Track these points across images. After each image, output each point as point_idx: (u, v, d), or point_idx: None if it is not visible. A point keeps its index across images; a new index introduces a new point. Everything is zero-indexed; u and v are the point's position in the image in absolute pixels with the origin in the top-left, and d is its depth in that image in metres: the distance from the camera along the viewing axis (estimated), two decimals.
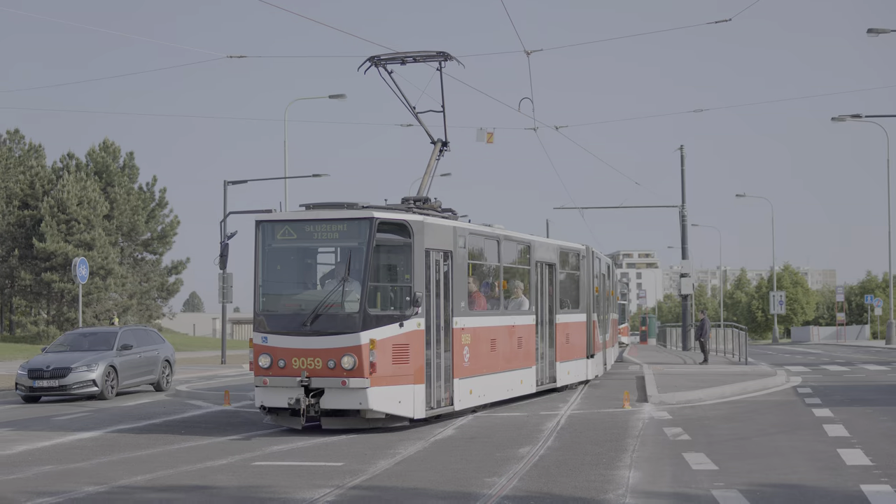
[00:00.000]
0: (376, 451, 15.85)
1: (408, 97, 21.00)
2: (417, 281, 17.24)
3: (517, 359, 22.37)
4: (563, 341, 25.71)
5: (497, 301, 21.84)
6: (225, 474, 13.87)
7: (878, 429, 17.71)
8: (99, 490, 12.72)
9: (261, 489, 12.65)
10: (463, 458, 15.02)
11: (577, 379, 27.12)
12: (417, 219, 17.58)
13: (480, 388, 20.01)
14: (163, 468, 14.13)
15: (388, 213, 17.47)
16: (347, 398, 16.62)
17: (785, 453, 15.11)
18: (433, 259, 17.97)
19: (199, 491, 12.64)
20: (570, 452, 15.51)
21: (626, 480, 12.89)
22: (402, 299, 17.31)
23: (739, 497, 11.54)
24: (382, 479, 13.30)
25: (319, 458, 15.14)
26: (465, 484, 12.77)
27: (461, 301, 19.16)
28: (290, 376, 16.50)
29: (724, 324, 60.21)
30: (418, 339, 17.38)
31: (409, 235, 17.26)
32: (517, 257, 23.39)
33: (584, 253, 28.39)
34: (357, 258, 16.76)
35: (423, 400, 17.49)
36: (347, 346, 16.33)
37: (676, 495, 11.89)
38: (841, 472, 13.32)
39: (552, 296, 25.13)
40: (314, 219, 17.56)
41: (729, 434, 17.62)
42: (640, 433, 17.83)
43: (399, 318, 17.02)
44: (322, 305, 16.78)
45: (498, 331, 21.28)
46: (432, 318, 17.97)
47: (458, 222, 19.88)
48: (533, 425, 19.21)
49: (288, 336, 16.83)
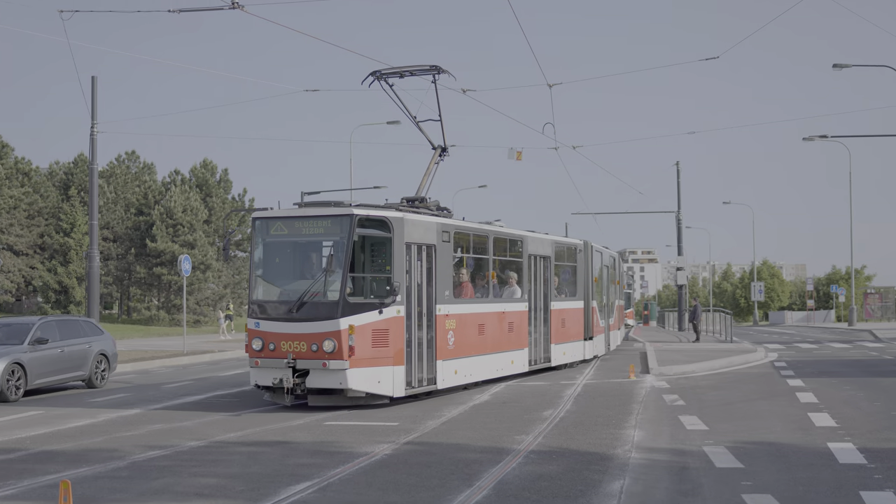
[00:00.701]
0: (426, 413, 15.86)
1: (413, 109, 19.78)
2: (397, 272, 16.14)
3: (508, 341, 21.13)
4: (559, 325, 24.45)
5: (486, 289, 20.39)
6: (302, 432, 13.91)
7: (841, 396, 17.56)
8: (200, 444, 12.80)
9: (331, 444, 12.68)
10: (497, 419, 15.01)
11: (573, 359, 25.89)
12: (397, 215, 16.40)
13: (467, 368, 18.80)
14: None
15: (369, 210, 16.24)
16: (329, 378, 15.46)
17: (764, 416, 15.02)
18: (415, 252, 16.79)
19: (281, 445, 12.68)
20: (585, 415, 15.47)
21: (632, 438, 12.84)
22: (383, 288, 16.28)
23: (726, 452, 11.47)
24: (430, 436, 13.31)
25: (379, 420, 15.15)
26: (499, 440, 12.75)
27: (445, 290, 17.85)
28: (278, 358, 15.54)
29: (713, 309, 59.93)
30: (398, 324, 16.16)
31: (389, 230, 16.13)
32: (509, 250, 21.99)
33: (580, 247, 27.06)
34: (338, 251, 15.77)
35: (402, 380, 16.29)
36: (328, 332, 15.28)
37: (674, 451, 11.82)
38: (811, 432, 13.21)
39: (547, 285, 23.83)
40: (302, 216, 16.45)
41: (717, 400, 17.50)
42: (643, 399, 17.74)
43: (378, 306, 15.83)
44: (307, 294, 15.75)
45: (486, 317, 19.97)
46: (413, 305, 16.71)
47: (443, 219, 18.38)
48: (554, 392, 19.16)
49: (277, 322, 15.79)
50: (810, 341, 40.18)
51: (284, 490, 9.52)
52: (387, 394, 16.03)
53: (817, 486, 9.42)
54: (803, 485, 9.51)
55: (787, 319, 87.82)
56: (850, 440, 12.28)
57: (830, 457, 11.12)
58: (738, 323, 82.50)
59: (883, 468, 10.31)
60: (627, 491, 9.34)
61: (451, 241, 18.14)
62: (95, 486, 9.88)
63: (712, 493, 9.20)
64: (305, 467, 10.87)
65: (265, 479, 10.17)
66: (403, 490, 9.47)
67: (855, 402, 16.68)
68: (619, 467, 10.64)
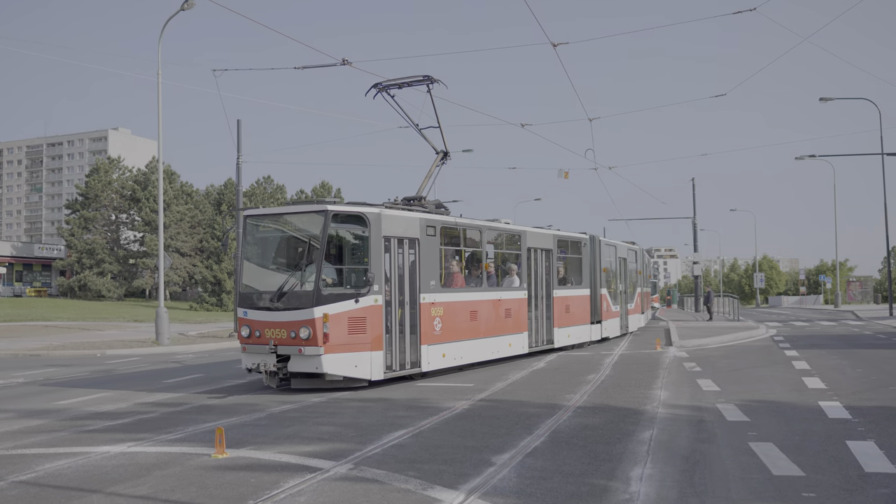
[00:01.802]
0: (495, 377, 15.83)
1: (415, 117, 17.53)
2: (374, 263, 14.06)
3: (504, 326, 18.61)
4: (563, 311, 21.89)
5: (480, 279, 18.00)
6: (399, 391, 13.97)
7: (829, 364, 17.16)
8: (321, 399, 12.94)
9: (422, 401, 12.71)
10: (551, 382, 14.91)
11: (579, 340, 23.26)
12: (373, 211, 14.31)
13: (456, 352, 16.52)
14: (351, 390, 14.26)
15: (343, 206, 14.27)
16: (306, 363, 13.54)
17: (766, 380, 14.73)
18: (395, 245, 14.73)
19: (384, 402, 12.75)
20: (621, 378, 15.32)
21: (659, 397, 12.68)
22: (361, 279, 14.06)
23: (735, 409, 11.27)
24: (498, 395, 13.27)
25: (459, 382, 15.15)
26: (553, 398, 12.67)
27: (431, 280, 15.61)
28: (263, 344, 13.82)
29: (723, 294, 59.21)
30: (375, 312, 14.03)
31: (365, 225, 14.12)
32: (507, 244, 19.59)
33: (585, 241, 24.26)
34: (314, 245, 13.81)
35: (381, 364, 14.23)
36: (304, 320, 13.41)
37: (692, 407, 11.64)
38: (804, 392, 12.92)
39: (549, 274, 21.26)
40: (284, 212, 14.68)
41: (727, 367, 17.20)
42: (667, 366, 17.51)
43: (354, 295, 13.75)
44: (286, 285, 13.86)
45: (480, 304, 17.61)
46: (394, 294, 14.65)
47: (427, 214, 16.02)
48: (596, 361, 19.00)
49: (261, 311, 13.91)
50: (803, 320, 39.49)
51: (386, 436, 9.56)
52: (364, 377, 14.02)
53: (810, 437, 9.22)
54: (799, 435, 9.31)
55: (784, 303, 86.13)
56: (838, 399, 12.00)
57: (821, 413, 10.87)
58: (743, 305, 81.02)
59: (865, 422, 10.06)
60: (656, 439, 9.22)
61: (438, 235, 16.00)
62: (242, 432, 10.03)
63: (725, 441, 9.04)
64: (402, 418, 10.91)
65: (371, 427, 10.23)
66: (478, 436, 9.45)
67: (841, 368, 16.30)
68: (649, 420, 10.52)
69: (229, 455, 8.57)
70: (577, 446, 8.79)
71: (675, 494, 6.79)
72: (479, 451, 8.60)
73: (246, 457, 8.53)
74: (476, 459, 8.16)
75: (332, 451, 8.73)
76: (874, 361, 17.69)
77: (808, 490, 6.87)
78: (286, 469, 7.88)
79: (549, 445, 8.87)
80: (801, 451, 8.42)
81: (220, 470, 7.91)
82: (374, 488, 7.07)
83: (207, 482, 7.41)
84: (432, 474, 7.53)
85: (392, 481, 7.29)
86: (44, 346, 27.29)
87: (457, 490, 6.95)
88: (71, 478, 7.75)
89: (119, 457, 8.69)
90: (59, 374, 18.51)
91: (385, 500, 6.69)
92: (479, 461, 8.08)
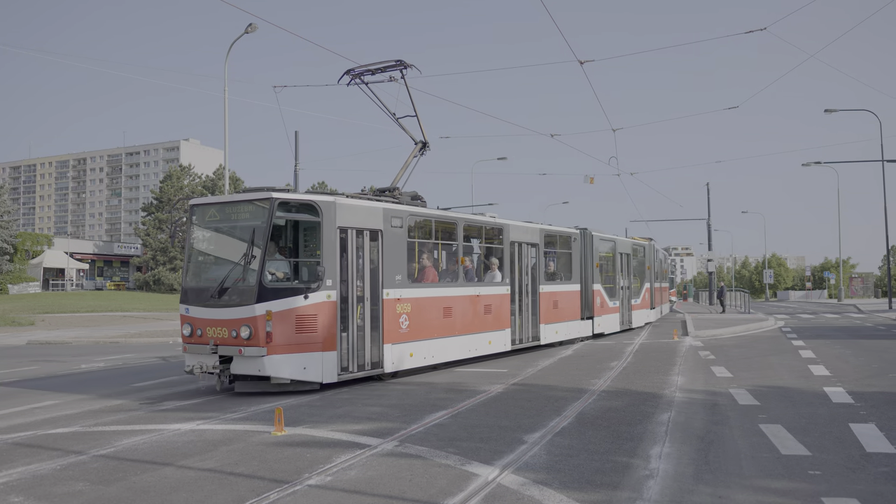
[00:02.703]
0: (526, 364, 15.78)
1: (392, 106, 15.17)
2: (327, 256, 11.94)
3: (485, 323, 16.21)
4: (550, 307, 19.32)
5: (456, 274, 15.57)
6: (440, 376, 13.98)
7: (833, 353, 16.88)
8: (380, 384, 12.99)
9: (460, 384, 12.71)
10: (577, 368, 14.83)
11: (568, 336, 20.63)
12: (326, 199, 12.10)
13: (427, 351, 14.23)
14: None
15: (292, 194, 12.04)
16: (248, 365, 11.46)
17: (774, 367, 14.52)
18: (352, 236, 12.44)
19: (426, 385, 12.77)
20: (641, 365, 15.19)
21: (676, 382, 12.56)
22: (312, 274, 12.03)
23: (746, 393, 11.14)
24: (529, 379, 13.22)
25: (495, 368, 15.13)
26: (578, 383, 12.60)
27: (397, 274, 13.31)
28: (203, 344, 11.75)
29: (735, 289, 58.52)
30: (328, 309, 11.87)
31: (317, 215, 11.96)
32: (487, 237, 17.11)
33: (575, 236, 21.45)
34: (259, 236, 11.58)
35: (333, 365, 12.00)
36: (244, 318, 11.35)
37: (707, 391, 11.51)
38: (810, 379, 12.72)
39: (535, 269, 18.74)
40: (231, 201, 12.19)
41: (739, 355, 16.98)
42: (684, 354, 17.34)
43: (304, 291, 11.66)
44: (227, 279, 11.68)
45: (455, 300, 15.21)
46: (351, 290, 12.36)
47: (392, 204, 13.64)
48: (619, 349, 18.88)
49: (202, 307, 11.79)
50: (809, 313, 38.90)
51: (428, 416, 9.57)
52: (314, 380, 11.85)
53: (816, 419, 9.08)
54: (805, 418, 9.17)
55: (791, 297, 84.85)
56: (841, 385, 11.81)
57: (826, 398, 10.69)
58: (753, 299, 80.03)
59: (867, 406, 9.88)
60: (673, 420, 9.13)
61: (405, 227, 13.69)
62: (298, 412, 10.10)
63: (737, 423, 8.93)
64: (442, 400, 10.91)
65: (414, 408, 10.25)
66: (511, 417, 9.43)
67: (844, 357, 16.02)
68: (667, 403, 10.42)
69: (287, 433, 8.64)
70: (602, 427, 8.74)
71: (691, 471, 6.73)
72: (512, 430, 8.58)
73: (302, 434, 8.59)
74: (509, 438, 8.15)
75: (379, 429, 8.76)
76: (875, 351, 17.38)
77: (814, 468, 6.77)
78: (338, 445, 7.93)
79: (576, 426, 8.82)
80: (808, 432, 8.29)
81: (279, 446, 7.98)
82: (418, 463, 7.09)
83: (267, 457, 7.47)
84: (470, 451, 7.53)
85: (433, 457, 7.31)
86: (122, 334, 27.72)
87: (492, 465, 6.95)
88: (146, 452, 7.86)
89: (189, 433, 8.80)
90: (135, 359, 18.79)
91: (427, 474, 6.71)
92: (513, 439, 8.06)
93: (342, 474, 6.74)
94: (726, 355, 16.94)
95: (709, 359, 16.21)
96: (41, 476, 6.94)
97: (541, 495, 6.00)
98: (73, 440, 8.50)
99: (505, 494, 6.05)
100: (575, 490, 6.15)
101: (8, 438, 8.68)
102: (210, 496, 6.14)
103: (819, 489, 6.13)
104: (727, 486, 6.26)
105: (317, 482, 6.48)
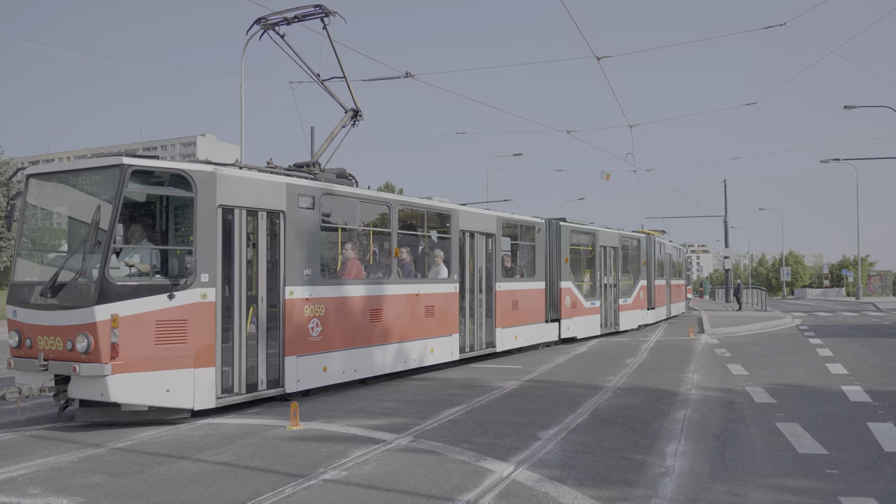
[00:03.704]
0: (541, 361, 15.76)
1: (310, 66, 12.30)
2: (203, 243, 9.12)
3: (426, 328, 13.57)
4: (508, 308, 16.47)
5: (389, 269, 12.73)
6: (454, 373, 13.98)
7: (851, 351, 16.76)
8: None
9: (475, 381, 12.70)
10: (592, 365, 14.79)
11: (531, 342, 17.71)
12: (203, 169, 9.27)
13: (346, 364, 11.48)
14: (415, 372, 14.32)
15: (154, 161, 9.09)
16: (87, 387, 8.51)
17: (791, 365, 14.44)
18: (241, 218, 9.65)
19: (441, 381, 12.77)
20: (657, 362, 15.14)
21: (692, 379, 12.51)
22: (181, 266, 9.23)
23: (763, 391, 11.08)
24: (544, 376, 13.20)
25: (509, 364, 15.12)
26: (594, 379, 12.56)
27: (305, 268, 10.59)
28: (32, 358, 8.78)
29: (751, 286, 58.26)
30: (202, 313, 9.06)
31: (190, 189, 9.09)
32: (429, 225, 14.25)
33: (539, 226, 18.37)
34: (104, 215, 8.67)
35: (210, 385, 9.17)
36: (81, 324, 8.43)
37: (723, 389, 11.46)
38: (828, 377, 12.64)
39: (490, 264, 15.84)
40: (74, 169, 9.23)
41: (755, 353, 16.89)
42: (700, 351, 17.26)
43: (168, 288, 8.80)
44: (62, 273, 8.75)
45: (387, 300, 12.48)
46: (239, 287, 9.58)
47: (302, 180, 10.86)
48: (634, 346, 18.81)
49: (32, 310, 8.85)
50: (826, 311, 38.63)
51: (443, 412, 9.57)
52: (182, 406, 8.99)
53: (833, 418, 9.01)
54: (822, 416, 9.11)
55: (808, 295, 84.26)
56: (859, 384, 11.72)
57: (843, 396, 10.62)
58: (770, 297, 79.60)
59: (885, 405, 9.81)
60: (689, 418, 9.09)
61: (317, 209, 10.92)
62: (314, 407, 10.13)
63: (753, 421, 8.88)
64: (457, 396, 10.91)
65: (428, 403, 10.25)
66: (526, 413, 9.42)
67: (862, 356, 15.90)
68: (683, 401, 10.38)
69: (303, 427, 8.66)
70: (617, 424, 8.71)
71: (707, 469, 6.70)
72: (526, 426, 8.57)
73: (317, 429, 8.61)
74: (524, 434, 8.14)
75: (394, 424, 8.77)
76: (894, 349, 17.24)
77: (831, 467, 6.72)
78: (353, 440, 7.94)
79: (591, 423, 8.80)
80: (825, 431, 8.24)
81: (295, 440, 8.00)
82: (432, 459, 7.09)
83: (283, 451, 7.50)
84: (484, 447, 7.52)
85: (448, 453, 7.31)
86: None
87: (507, 462, 6.94)
88: (162, 445, 7.91)
89: (205, 427, 8.84)
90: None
91: (442, 469, 6.71)
92: (527, 436, 8.05)
93: (357, 469, 6.75)
94: (743, 353, 16.85)
95: (725, 356, 16.13)
96: (59, 468, 7.00)
97: (556, 492, 5.99)
98: (90, 433, 8.56)
99: (520, 491, 6.05)
100: (590, 487, 6.13)
101: (26, 431, 8.75)
102: (226, 490, 6.17)
103: (836, 488, 6.09)
104: (743, 484, 6.23)
105: (332, 477, 6.50)
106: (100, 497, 6.06)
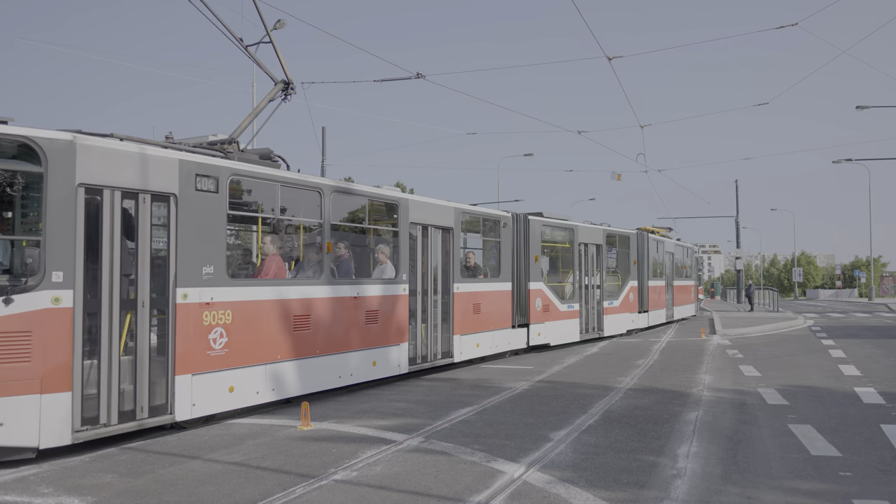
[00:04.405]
0: (552, 361, 15.70)
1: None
2: (55, 233, 7.26)
3: (367, 336, 11.56)
4: (467, 312, 14.48)
5: (320, 266, 10.71)
6: (465, 374, 13.96)
7: (864, 353, 16.65)
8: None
9: (485, 381, 12.68)
10: (603, 366, 14.75)
11: (493, 350, 15.58)
12: (59, 137, 7.37)
13: (262, 381, 9.55)
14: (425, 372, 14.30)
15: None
16: None
17: (804, 366, 14.35)
18: (115, 204, 7.75)
19: (451, 381, 12.76)
20: (668, 363, 15.08)
21: (704, 381, 12.45)
22: (23, 263, 7.17)
23: (775, 393, 11.02)
24: (555, 376, 13.17)
25: (520, 364, 15.09)
26: (605, 380, 12.53)
27: (206, 265, 8.65)
28: None
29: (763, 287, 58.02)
30: (53, 322, 7.18)
31: (39, 163, 7.21)
32: (373, 217, 12.53)
33: (505, 220, 16.32)
34: None
35: (65, 416, 7.29)
36: None
37: (735, 391, 11.40)
38: (841, 379, 12.56)
39: (448, 262, 13.94)
40: None
41: (768, 354, 16.81)
42: (711, 352, 17.19)
43: (5, 291, 6.92)
44: None
45: (316, 304, 10.47)
46: (109, 289, 7.69)
47: (191, 155, 8.74)
48: (645, 347, 18.75)
49: None
50: (839, 312, 38.41)
51: (453, 412, 9.56)
52: (24, 444, 7.09)
53: (846, 420, 8.95)
54: (835, 418, 9.04)
55: (821, 295, 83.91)
56: (872, 386, 11.64)
57: (856, 398, 10.55)
58: (782, 298, 79.26)
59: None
60: (701, 420, 9.05)
61: (223, 192, 8.99)
62: (324, 407, 10.13)
63: (766, 423, 8.83)
64: (467, 397, 10.89)
65: (439, 404, 10.24)
66: (537, 414, 9.39)
67: (875, 357, 15.80)
68: (695, 402, 10.33)
69: (313, 427, 8.67)
70: (628, 425, 8.67)
71: (719, 471, 6.66)
72: (537, 427, 8.54)
73: (328, 429, 8.61)
74: (535, 435, 8.11)
75: (405, 425, 8.76)
76: None
77: (845, 469, 6.67)
78: (363, 441, 7.94)
79: (602, 424, 8.77)
80: (838, 433, 8.18)
81: (305, 441, 8.01)
82: (443, 459, 7.08)
83: (294, 451, 7.50)
84: (495, 448, 7.50)
85: (459, 454, 7.29)
86: None
87: (518, 463, 6.92)
88: (173, 445, 7.92)
89: (216, 427, 8.86)
90: None
91: (453, 470, 6.69)
92: (538, 437, 8.03)
93: (368, 469, 6.75)
94: (755, 354, 16.77)
95: (737, 357, 16.05)
96: (70, 468, 7.03)
97: (567, 493, 5.97)
98: None
99: (531, 492, 6.03)
100: (601, 489, 6.10)
101: None
102: (237, 490, 6.18)
103: (850, 491, 6.04)
104: (756, 486, 6.19)
105: (342, 477, 6.49)
106: (111, 496, 6.08)
